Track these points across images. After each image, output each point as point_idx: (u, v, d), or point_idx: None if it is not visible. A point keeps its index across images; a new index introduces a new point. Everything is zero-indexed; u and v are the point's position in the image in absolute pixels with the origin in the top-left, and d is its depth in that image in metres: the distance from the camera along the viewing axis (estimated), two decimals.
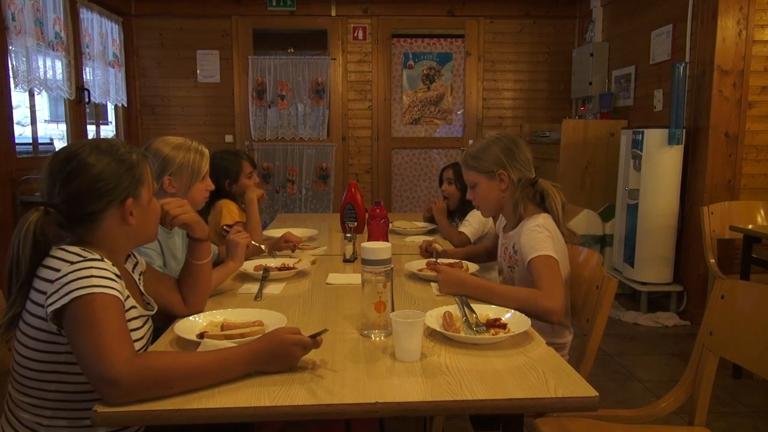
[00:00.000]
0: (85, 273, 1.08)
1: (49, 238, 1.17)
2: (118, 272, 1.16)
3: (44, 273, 1.13)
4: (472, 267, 1.97)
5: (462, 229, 2.73)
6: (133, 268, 1.39)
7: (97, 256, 1.15)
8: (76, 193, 1.18)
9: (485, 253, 2.28)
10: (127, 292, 1.21)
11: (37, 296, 1.13)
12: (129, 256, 1.38)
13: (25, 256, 1.14)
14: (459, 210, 2.92)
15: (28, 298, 1.15)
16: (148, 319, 1.33)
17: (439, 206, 2.86)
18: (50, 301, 1.07)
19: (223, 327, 1.34)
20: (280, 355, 1.11)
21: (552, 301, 1.55)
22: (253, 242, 1.97)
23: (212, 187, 1.98)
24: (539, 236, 1.70)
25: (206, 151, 1.95)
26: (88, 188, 1.19)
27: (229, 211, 2.54)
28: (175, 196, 1.85)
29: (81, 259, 1.12)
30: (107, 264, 1.15)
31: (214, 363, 1.07)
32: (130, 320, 1.20)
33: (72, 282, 1.07)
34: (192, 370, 1.04)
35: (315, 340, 1.15)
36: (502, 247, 1.97)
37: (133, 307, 1.24)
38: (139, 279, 1.39)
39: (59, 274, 1.09)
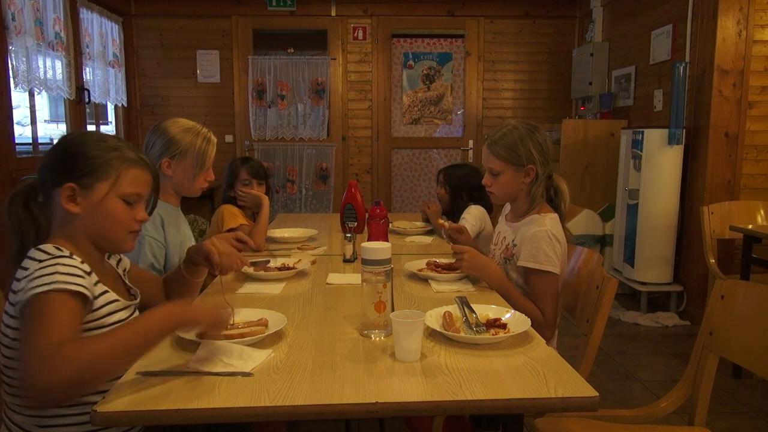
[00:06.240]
0: (50, 270, 1.09)
1: (30, 212, 1.23)
2: (88, 269, 1.17)
3: (18, 273, 1.14)
4: None
5: None
6: (117, 263, 1.41)
7: (66, 253, 1.16)
8: (47, 161, 1.24)
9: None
10: (104, 288, 1.22)
11: (12, 296, 1.15)
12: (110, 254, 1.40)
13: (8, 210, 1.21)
14: (450, 210, 2.93)
15: (6, 299, 1.17)
16: (134, 310, 1.35)
17: (433, 210, 2.87)
18: (16, 299, 1.09)
19: None
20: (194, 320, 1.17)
21: (548, 334, 1.68)
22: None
23: (212, 177, 1.95)
24: (548, 249, 1.72)
25: (214, 140, 1.92)
26: (54, 159, 1.23)
27: (231, 214, 2.52)
28: (172, 180, 1.86)
29: (49, 257, 1.13)
30: (76, 261, 1.15)
31: (139, 336, 1.06)
32: (112, 313, 1.22)
33: (35, 279, 1.07)
34: (118, 348, 1.02)
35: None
36: (501, 235, 1.96)
37: (115, 300, 1.26)
38: (124, 274, 1.42)
39: (27, 273, 1.10)
